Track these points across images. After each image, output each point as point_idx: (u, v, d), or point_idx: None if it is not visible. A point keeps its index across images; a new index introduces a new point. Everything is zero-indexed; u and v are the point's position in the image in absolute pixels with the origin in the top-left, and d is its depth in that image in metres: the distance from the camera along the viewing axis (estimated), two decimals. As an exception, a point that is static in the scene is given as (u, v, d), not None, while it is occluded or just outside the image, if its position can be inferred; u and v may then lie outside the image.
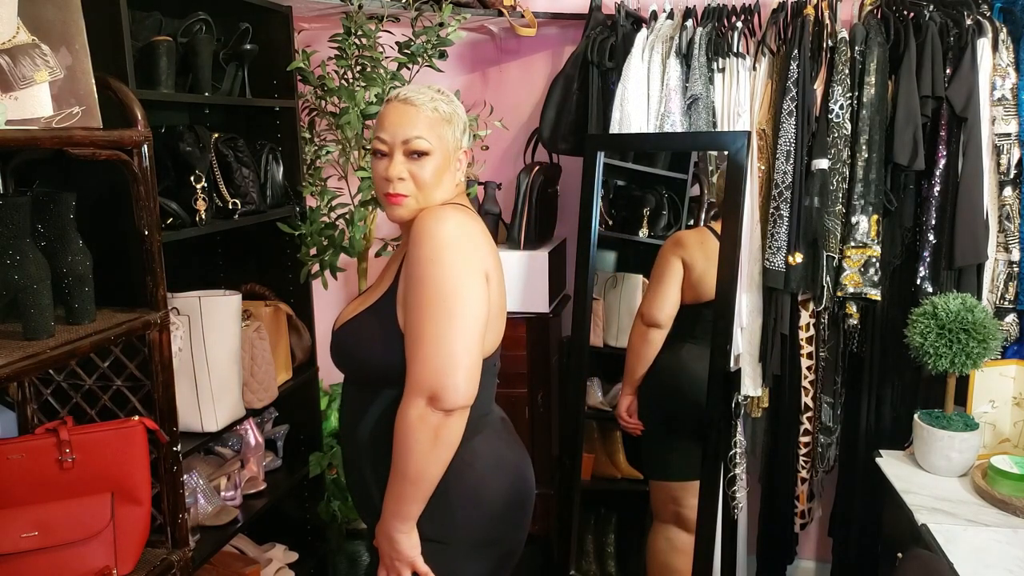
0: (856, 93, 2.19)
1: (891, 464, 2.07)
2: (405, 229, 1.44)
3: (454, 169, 1.42)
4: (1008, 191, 2.15)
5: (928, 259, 2.20)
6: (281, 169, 2.19)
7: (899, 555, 1.71)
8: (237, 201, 1.96)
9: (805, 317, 2.34)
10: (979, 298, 2.17)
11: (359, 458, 1.43)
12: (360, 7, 2.27)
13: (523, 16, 2.59)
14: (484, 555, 1.44)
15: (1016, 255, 2.17)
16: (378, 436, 1.38)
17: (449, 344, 1.26)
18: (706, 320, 2.23)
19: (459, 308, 1.28)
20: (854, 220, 2.20)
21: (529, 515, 1.51)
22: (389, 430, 1.34)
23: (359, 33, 2.29)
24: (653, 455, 2.45)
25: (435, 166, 1.38)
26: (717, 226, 2.27)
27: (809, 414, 2.41)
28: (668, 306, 2.30)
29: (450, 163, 1.41)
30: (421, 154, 1.37)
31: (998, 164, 2.16)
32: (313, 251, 2.27)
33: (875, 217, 2.20)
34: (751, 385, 2.32)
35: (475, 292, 1.30)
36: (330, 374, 2.37)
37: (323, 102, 2.40)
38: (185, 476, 1.81)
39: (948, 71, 2.16)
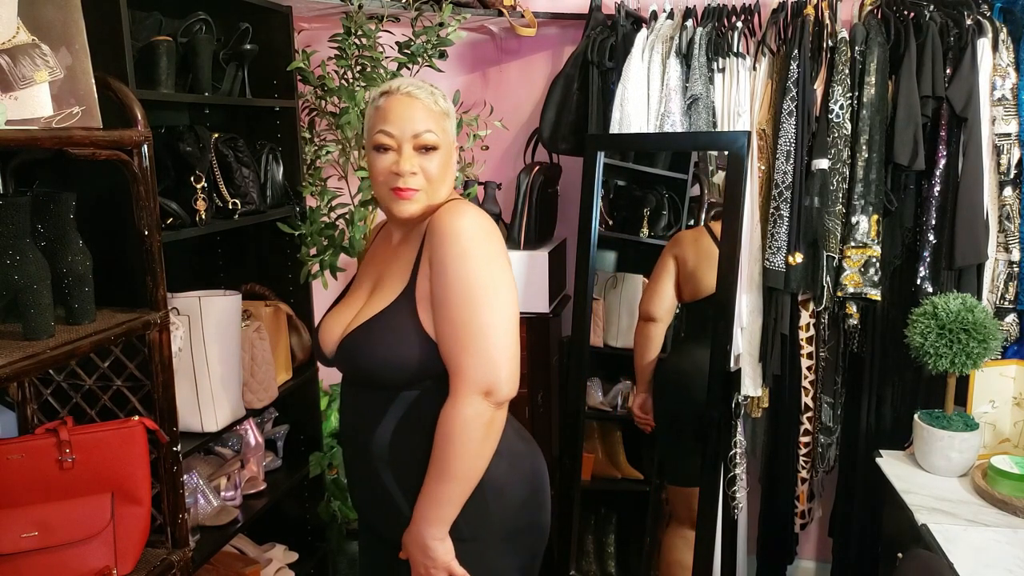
0: (856, 93, 2.19)
1: (891, 464, 2.07)
2: (403, 225, 1.42)
3: (454, 163, 1.43)
4: (1008, 191, 2.15)
5: (928, 259, 2.20)
6: (281, 169, 2.19)
7: (899, 555, 1.71)
8: (237, 201, 1.96)
9: (805, 317, 2.34)
10: (979, 298, 2.17)
11: (378, 465, 1.37)
12: (360, 7, 2.27)
13: (523, 16, 2.59)
14: (518, 546, 1.43)
15: (1016, 255, 2.17)
16: (400, 440, 1.35)
17: (496, 337, 1.27)
18: (709, 318, 2.24)
19: (498, 300, 1.28)
20: (854, 220, 2.20)
21: (549, 499, 1.51)
22: (413, 433, 1.33)
23: (359, 33, 2.29)
24: (672, 462, 2.46)
25: (441, 160, 1.37)
26: (715, 226, 2.29)
27: (809, 414, 2.41)
28: (661, 300, 2.34)
29: (451, 157, 1.41)
30: (430, 148, 1.35)
31: (998, 164, 2.16)
32: (313, 251, 2.27)
33: (875, 217, 2.20)
34: (751, 385, 2.33)
35: (507, 283, 1.31)
36: (330, 374, 2.37)
37: (323, 102, 2.40)
38: (185, 476, 1.81)
39: (948, 71, 2.16)
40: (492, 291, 1.27)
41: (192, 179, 1.82)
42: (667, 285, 2.34)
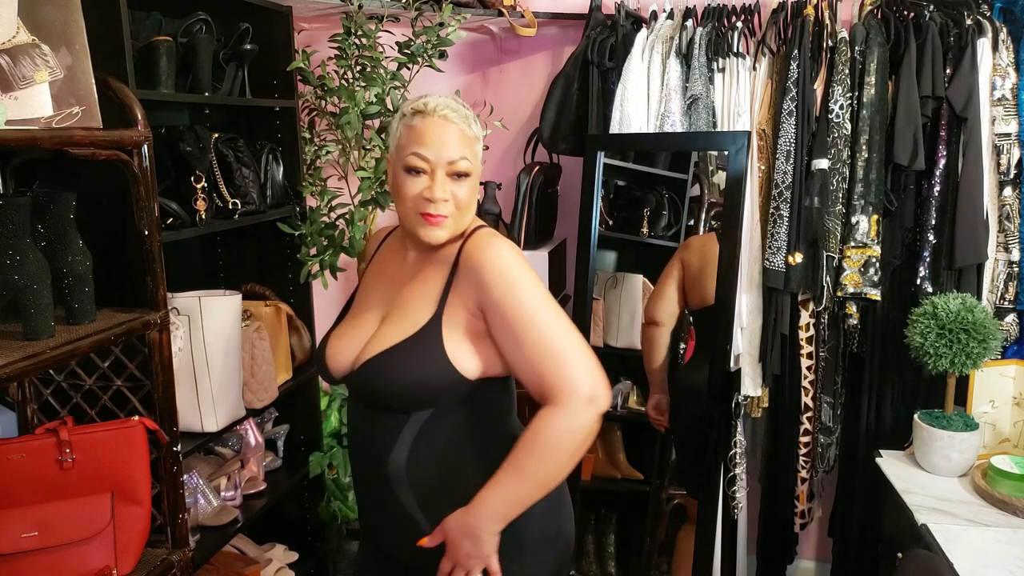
0: (856, 93, 2.19)
1: (891, 464, 2.07)
2: (422, 247, 1.40)
3: (478, 188, 1.42)
4: (1008, 191, 2.16)
5: (928, 259, 2.20)
6: (281, 169, 2.19)
7: (899, 555, 1.71)
8: (237, 201, 1.96)
9: (805, 317, 2.34)
10: (979, 298, 2.17)
11: (394, 486, 1.35)
12: (360, 7, 2.27)
13: (523, 16, 2.59)
14: (545, 556, 1.44)
15: (1016, 255, 2.17)
16: (416, 459, 1.34)
17: (578, 347, 1.28)
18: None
19: (562, 314, 1.30)
20: (854, 220, 2.20)
21: (571, 507, 1.52)
22: (428, 451, 1.33)
23: (359, 33, 2.29)
24: (691, 473, 2.47)
25: (471, 186, 1.36)
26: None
27: (809, 414, 2.41)
28: (663, 303, 2.34)
29: (478, 182, 1.39)
30: (462, 175, 1.33)
31: (998, 164, 2.16)
32: (313, 251, 2.27)
33: (875, 217, 2.20)
34: (751, 385, 2.32)
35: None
36: (330, 374, 2.37)
37: (323, 102, 2.40)
38: (185, 476, 1.81)
39: (948, 71, 2.16)
40: (554, 307, 1.30)
41: (192, 179, 1.82)
42: (670, 288, 2.34)
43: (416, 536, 1.36)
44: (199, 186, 1.82)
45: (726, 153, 2.18)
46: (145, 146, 1.45)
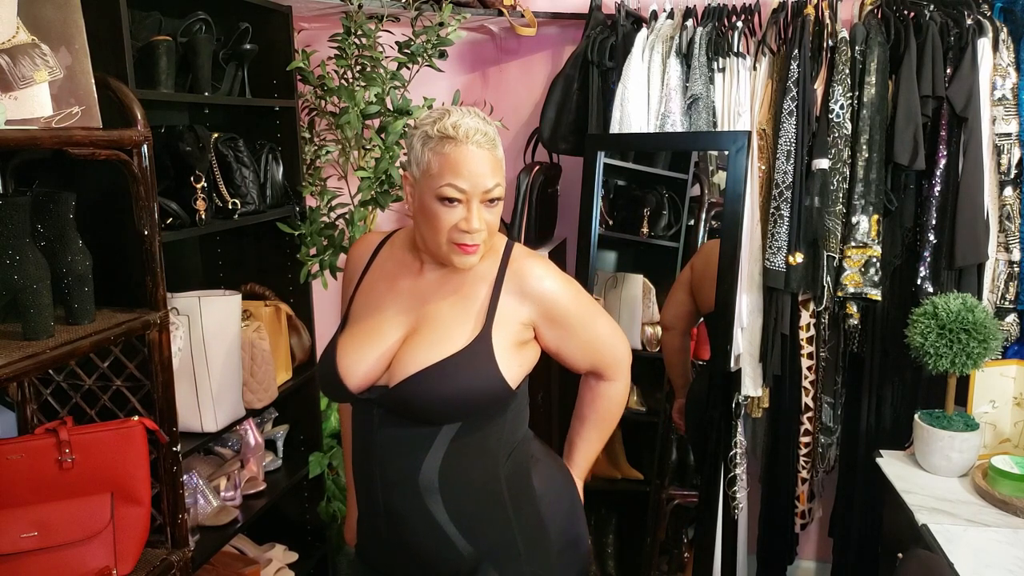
0: (856, 93, 2.19)
1: (891, 464, 2.07)
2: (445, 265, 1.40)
3: None
4: (1008, 191, 2.15)
5: (928, 259, 2.20)
6: (281, 169, 2.19)
7: (899, 555, 1.71)
8: (237, 201, 1.96)
9: (805, 317, 2.34)
10: (979, 298, 2.17)
11: (426, 498, 1.32)
12: (360, 7, 2.27)
13: (523, 16, 2.59)
14: (568, 562, 1.46)
15: (1016, 255, 2.17)
16: (448, 468, 1.32)
17: (616, 325, 1.53)
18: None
19: (597, 303, 1.52)
20: (854, 220, 2.20)
21: (583, 512, 1.56)
22: (461, 462, 1.33)
23: (359, 33, 2.29)
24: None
25: (500, 208, 1.36)
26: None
27: (809, 414, 2.41)
28: (668, 307, 2.35)
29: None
30: (495, 200, 1.33)
31: (998, 164, 2.16)
32: (313, 251, 2.27)
33: (875, 217, 2.20)
34: (751, 385, 2.32)
35: None
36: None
37: (323, 102, 2.40)
38: (185, 476, 1.81)
39: (948, 71, 2.16)
40: (595, 302, 1.52)
41: (192, 179, 1.82)
42: (678, 292, 2.36)
43: (448, 552, 1.34)
44: (199, 186, 1.82)
45: (726, 153, 2.18)
46: (145, 146, 1.44)
